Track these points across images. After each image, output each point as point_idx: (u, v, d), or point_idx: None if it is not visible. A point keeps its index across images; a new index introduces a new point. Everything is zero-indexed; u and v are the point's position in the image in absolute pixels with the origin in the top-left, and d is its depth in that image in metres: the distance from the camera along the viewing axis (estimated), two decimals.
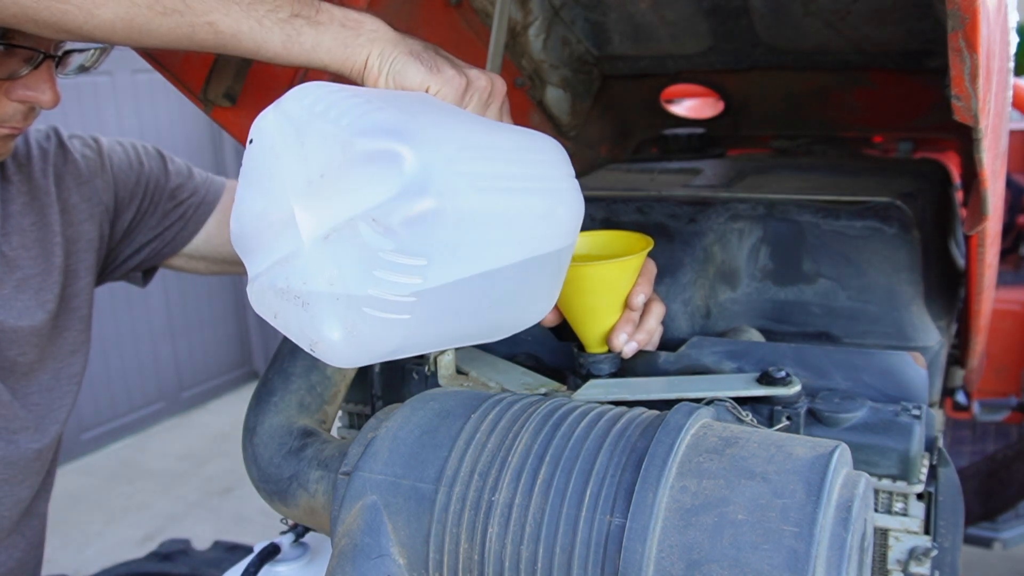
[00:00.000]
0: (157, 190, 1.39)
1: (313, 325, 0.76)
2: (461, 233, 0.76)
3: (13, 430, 1.21)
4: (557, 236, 0.88)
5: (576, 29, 1.76)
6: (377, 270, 0.73)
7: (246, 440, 0.97)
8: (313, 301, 0.75)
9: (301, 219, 0.75)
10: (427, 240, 0.74)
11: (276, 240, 0.78)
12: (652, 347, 1.10)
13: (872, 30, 1.56)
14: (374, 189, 0.72)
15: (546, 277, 0.90)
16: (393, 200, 0.72)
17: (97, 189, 1.32)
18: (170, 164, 1.43)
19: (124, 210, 1.36)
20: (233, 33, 0.84)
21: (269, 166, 0.78)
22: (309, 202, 0.75)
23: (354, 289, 0.74)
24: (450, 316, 0.80)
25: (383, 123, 0.74)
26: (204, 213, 1.43)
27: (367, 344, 0.77)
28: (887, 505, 0.95)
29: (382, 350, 0.78)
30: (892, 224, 1.24)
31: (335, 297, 0.74)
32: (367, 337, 0.76)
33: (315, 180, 0.75)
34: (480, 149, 0.80)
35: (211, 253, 1.46)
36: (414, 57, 0.87)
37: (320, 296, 0.75)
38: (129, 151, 1.39)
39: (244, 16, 0.83)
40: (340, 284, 0.74)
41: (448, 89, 0.86)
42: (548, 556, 0.72)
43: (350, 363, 0.79)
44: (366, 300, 0.74)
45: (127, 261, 1.41)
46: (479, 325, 0.87)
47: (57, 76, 1.11)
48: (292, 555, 1.17)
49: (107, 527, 4.00)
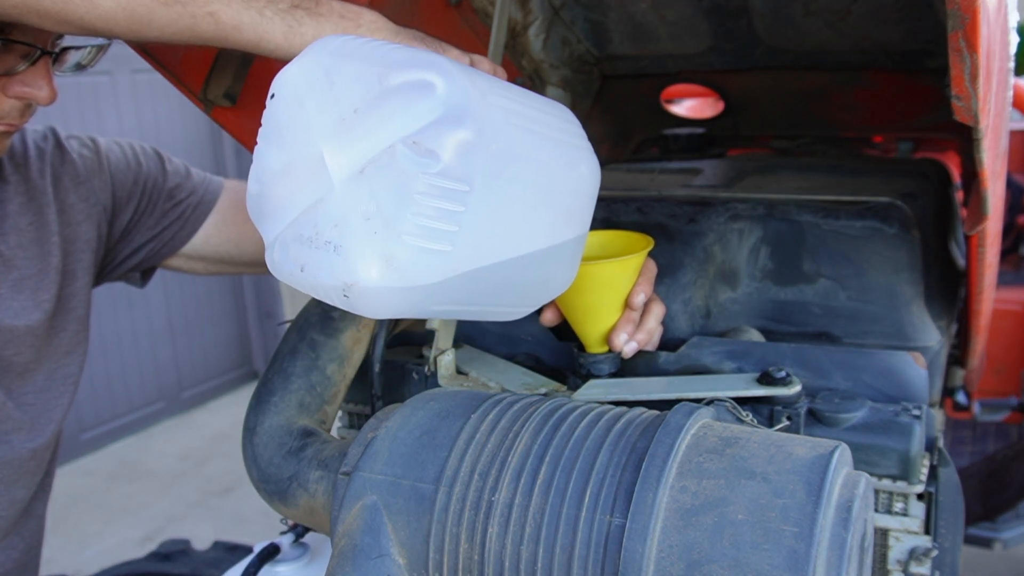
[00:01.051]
0: (155, 190, 1.39)
1: (347, 267, 0.73)
2: (499, 165, 0.76)
3: (6, 430, 1.21)
4: (581, 195, 0.88)
5: (576, 29, 1.76)
6: (419, 194, 0.71)
7: (246, 440, 0.97)
8: (346, 242, 0.73)
9: (331, 161, 0.74)
10: (468, 166, 0.73)
11: (301, 191, 0.76)
12: (652, 347, 1.10)
13: (872, 30, 1.56)
14: (413, 116, 0.72)
15: (571, 240, 0.89)
16: (434, 125, 0.72)
17: (95, 189, 1.32)
18: (168, 164, 1.42)
19: (122, 210, 1.36)
20: (235, 24, 0.84)
21: (294, 117, 0.77)
22: (340, 141, 0.74)
23: (394, 217, 0.72)
24: (486, 264, 0.78)
25: (417, 57, 0.74)
26: (202, 213, 1.42)
27: (405, 279, 0.74)
28: (887, 505, 0.95)
29: (419, 290, 0.75)
30: (892, 224, 1.24)
31: (372, 231, 0.72)
32: (406, 271, 0.73)
33: (348, 117, 0.74)
34: (509, 91, 0.80)
35: (210, 253, 1.46)
36: (418, 41, 0.89)
37: (355, 233, 0.73)
38: (127, 151, 1.39)
39: (245, 7, 0.84)
40: (377, 216, 0.72)
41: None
42: (548, 556, 0.72)
43: (383, 308, 0.75)
44: (407, 226, 0.72)
45: (125, 261, 1.41)
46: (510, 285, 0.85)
47: (54, 73, 1.11)
48: (292, 555, 1.17)
49: (107, 527, 4.00)
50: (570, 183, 0.86)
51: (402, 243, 0.72)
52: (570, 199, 0.87)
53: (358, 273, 0.73)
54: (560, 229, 0.87)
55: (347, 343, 1.02)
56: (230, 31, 0.85)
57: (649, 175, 1.64)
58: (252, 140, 1.37)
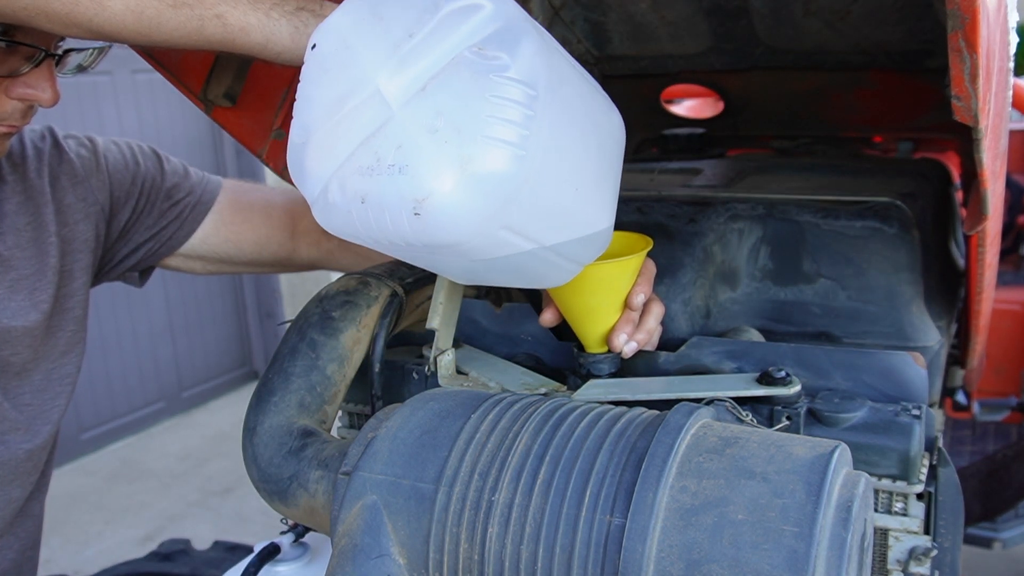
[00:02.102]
0: (153, 189, 1.39)
1: (416, 183, 0.72)
2: (556, 81, 0.77)
3: (3, 431, 1.21)
4: (616, 141, 0.90)
5: (576, 29, 1.76)
6: (492, 96, 0.72)
7: (246, 440, 0.97)
8: (412, 160, 0.72)
9: (388, 88, 0.74)
10: (533, 72, 0.74)
11: (354, 126, 0.76)
12: (652, 347, 1.10)
13: (872, 30, 1.56)
14: (472, 30, 0.74)
15: (612, 180, 0.91)
16: (496, 34, 0.74)
17: (92, 189, 1.32)
18: (166, 164, 1.42)
19: (120, 210, 1.36)
20: (242, 27, 0.84)
21: (340, 59, 0.77)
22: (397, 67, 0.75)
23: (467, 122, 0.72)
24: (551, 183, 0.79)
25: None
26: (200, 212, 1.42)
27: (480, 184, 0.72)
28: (887, 505, 0.95)
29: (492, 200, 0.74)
30: (892, 224, 1.24)
31: (443, 141, 0.72)
32: (482, 175, 0.72)
33: (403, 44, 0.75)
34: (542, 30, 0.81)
35: (208, 253, 1.46)
36: None
37: (422, 149, 0.72)
38: (125, 151, 1.39)
39: (251, 8, 0.84)
40: (447, 127, 0.72)
41: None
42: (548, 556, 0.72)
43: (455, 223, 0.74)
44: (483, 127, 0.72)
45: (124, 261, 1.41)
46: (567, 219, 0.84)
47: (59, 74, 1.11)
48: (292, 555, 1.17)
49: (107, 527, 4.00)
50: (609, 125, 0.89)
51: (478, 144, 0.72)
52: (610, 141, 0.89)
53: (431, 186, 0.72)
54: (604, 171, 0.88)
55: (347, 343, 1.02)
56: (237, 33, 0.85)
57: (649, 175, 1.64)
58: (252, 140, 1.38)
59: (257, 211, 1.47)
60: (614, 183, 0.91)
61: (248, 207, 1.47)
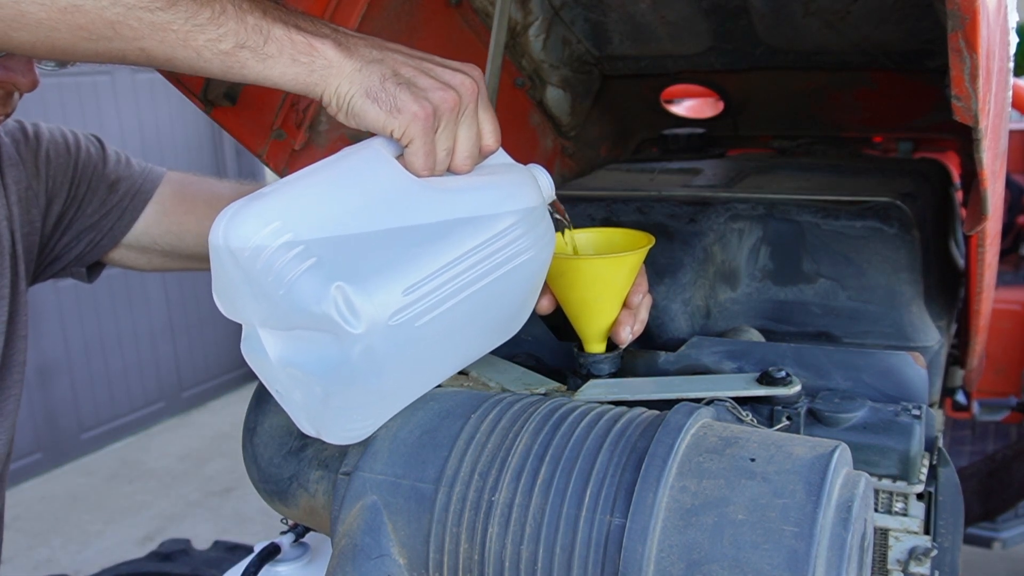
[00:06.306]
0: (95, 177, 1.35)
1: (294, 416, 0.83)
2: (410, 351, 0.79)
3: None
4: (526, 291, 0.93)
5: (576, 29, 1.76)
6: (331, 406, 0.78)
7: (246, 440, 0.97)
8: (285, 404, 0.82)
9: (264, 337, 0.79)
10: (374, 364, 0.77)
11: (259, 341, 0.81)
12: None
13: (872, 30, 1.56)
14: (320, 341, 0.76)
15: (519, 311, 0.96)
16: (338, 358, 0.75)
17: (26, 174, 1.28)
18: (109, 152, 1.39)
19: (56, 196, 1.32)
20: (167, 58, 0.80)
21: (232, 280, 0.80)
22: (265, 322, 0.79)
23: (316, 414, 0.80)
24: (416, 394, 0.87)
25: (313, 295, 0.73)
26: (141, 201, 1.38)
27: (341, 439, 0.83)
28: (887, 505, 0.95)
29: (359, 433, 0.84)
30: (892, 224, 1.24)
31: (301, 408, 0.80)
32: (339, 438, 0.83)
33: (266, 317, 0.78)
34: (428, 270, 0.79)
35: (150, 244, 1.42)
36: (371, 99, 0.82)
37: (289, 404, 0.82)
38: (67, 135, 1.34)
39: (179, 45, 0.79)
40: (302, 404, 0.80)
41: (413, 128, 0.82)
42: (548, 556, 0.72)
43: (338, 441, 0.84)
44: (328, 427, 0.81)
45: (65, 254, 1.36)
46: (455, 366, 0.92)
47: (37, 66, 1.09)
48: (292, 555, 1.17)
49: (107, 527, 4.00)
50: (512, 300, 0.91)
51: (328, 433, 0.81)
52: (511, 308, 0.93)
53: (302, 424, 0.82)
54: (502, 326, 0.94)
55: None
56: (163, 63, 0.81)
57: (649, 175, 1.64)
58: (252, 140, 1.38)
59: (201, 202, 1.42)
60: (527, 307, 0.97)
61: (192, 197, 1.43)
